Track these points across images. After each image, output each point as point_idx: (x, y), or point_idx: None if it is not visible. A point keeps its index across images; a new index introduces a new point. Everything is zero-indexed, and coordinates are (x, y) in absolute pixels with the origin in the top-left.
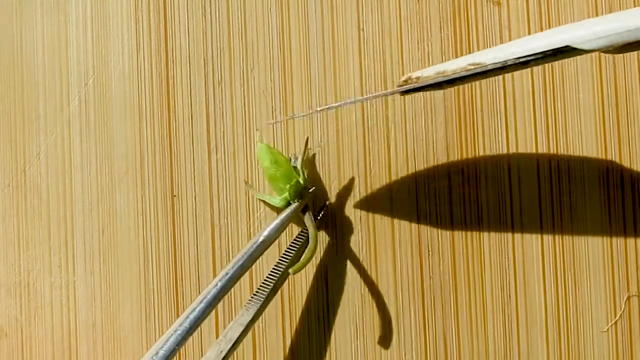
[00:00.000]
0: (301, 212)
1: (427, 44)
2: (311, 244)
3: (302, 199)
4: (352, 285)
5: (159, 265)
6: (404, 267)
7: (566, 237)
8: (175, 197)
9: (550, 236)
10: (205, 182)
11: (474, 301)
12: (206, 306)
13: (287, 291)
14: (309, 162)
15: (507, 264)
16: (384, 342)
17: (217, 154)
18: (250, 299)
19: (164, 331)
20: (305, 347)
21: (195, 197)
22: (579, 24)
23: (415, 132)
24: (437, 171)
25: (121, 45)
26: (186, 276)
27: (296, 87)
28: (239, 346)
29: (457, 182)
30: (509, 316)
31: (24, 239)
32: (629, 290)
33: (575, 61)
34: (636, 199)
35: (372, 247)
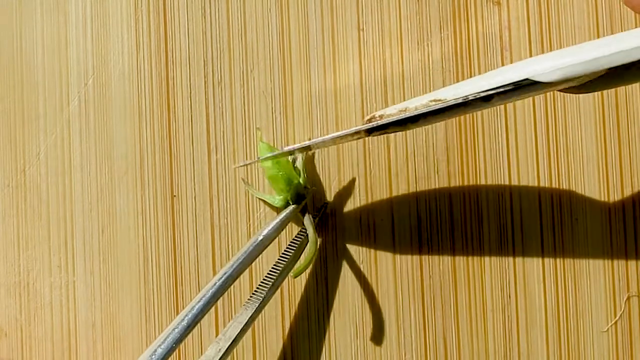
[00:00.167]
0: (300, 213)
1: (427, 44)
2: (311, 247)
3: (302, 199)
4: (352, 285)
5: (158, 265)
6: (404, 267)
7: (566, 237)
8: (175, 197)
9: (550, 236)
10: (205, 182)
11: (474, 301)
12: (205, 304)
13: (287, 291)
14: (308, 162)
15: (507, 264)
16: (384, 342)
17: (217, 154)
18: (249, 297)
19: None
20: (305, 347)
21: (195, 197)
22: (541, 57)
23: (415, 133)
24: (437, 171)
25: (121, 45)
26: (186, 276)
27: (296, 87)
28: (237, 344)
29: (457, 182)
30: (509, 316)
31: (24, 239)
32: (629, 290)
33: None
34: (636, 199)
35: (372, 248)
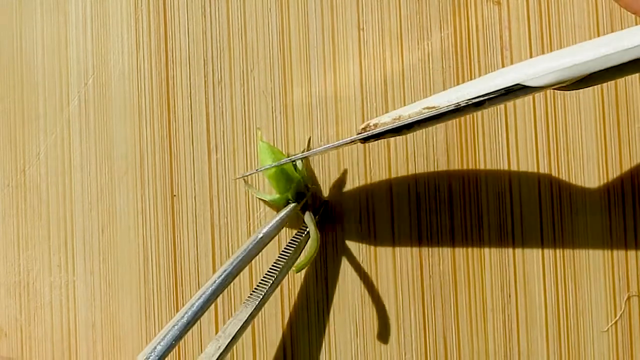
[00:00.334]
0: (300, 211)
1: (427, 44)
2: (313, 243)
3: (302, 197)
4: (352, 285)
5: (158, 265)
6: (404, 267)
7: (566, 236)
8: (175, 197)
9: (550, 236)
10: (205, 182)
11: (474, 301)
12: (204, 302)
13: (287, 291)
14: (308, 161)
15: (507, 263)
16: (384, 341)
17: (217, 154)
18: (249, 295)
19: None
20: (304, 345)
21: (195, 197)
22: (531, 61)
23: (415, 133)
24: (437, 171)
25: (121, 44)
26: (186, 276)
27: (296, 87)
28: (237, 342)
29: (457, 182)
30: (509, 316)
31: (24, 238)
32: (629, 290)
33: None
34: (636, 199)
35: (372, 247)
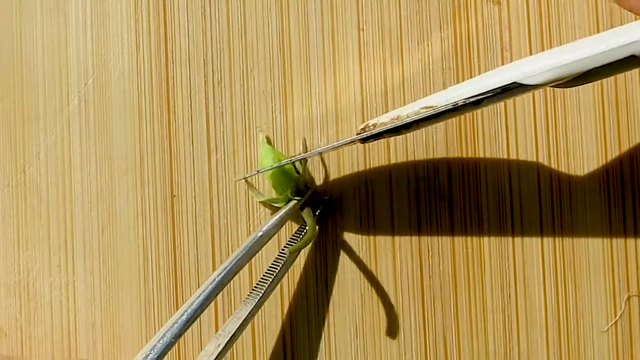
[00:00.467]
0: (299, 208)
1: (427, 44)
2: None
3: (302, 196)
4: (352, 285)
5: (158, 265)
6: (404, 267)
7: (566, 237)
8: (175, 197)
9: (550, 236)
10: (205, 182)
11: (474, 301)
12: (204, 299)
13: (287, 291)
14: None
15: (507, 264)
16: (384, 342)
17: (217, 154)
18: (249, 293)
19: None
20: (305, 347)
21: (195, 197)
22: (529, 59)
23: (415, 133)
24: (437, 172)
25: (121, 45)
26: (186, 276)
27: (296, 87)
28: (237, 340)
29: (457, 182)
30: (509, 316)
31: (24, 238)
32: (629, 290)
33: None
34: (636, 199)
35: (372, 247)
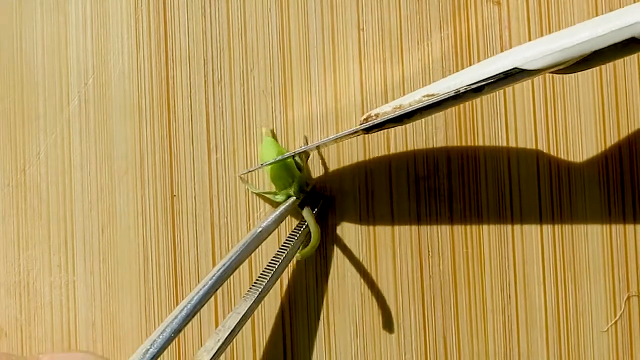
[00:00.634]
0: (299, 206)
1: (427, 44)
2: (314, 236)
3: (302, 193)
4: (352, 285)
5: (158, 265)
6: (404, 267)
7: (566, 237)
8: (175, 197)
9: (550, 236)
10: (205, 182)
11: (474, 301)
12: (203, 295)
13: (287, 291)
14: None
15: (507, 264)
16: (384, 341)
17: (217, 154)
18: (249, 289)
19: None
20: (304, 347)
21: (195, 197)
22: (529, 44)
23: (415, 132)
24: (437, 172)
25: (121, 44)
26: (186, 276)
27: (296, 87)
28: (236, 335)
29: (457, 182)
30: (509, 316)
31: (24, 238)
32: (629, 290)
33: None
34: (636, 199)
35: (372, 247)
